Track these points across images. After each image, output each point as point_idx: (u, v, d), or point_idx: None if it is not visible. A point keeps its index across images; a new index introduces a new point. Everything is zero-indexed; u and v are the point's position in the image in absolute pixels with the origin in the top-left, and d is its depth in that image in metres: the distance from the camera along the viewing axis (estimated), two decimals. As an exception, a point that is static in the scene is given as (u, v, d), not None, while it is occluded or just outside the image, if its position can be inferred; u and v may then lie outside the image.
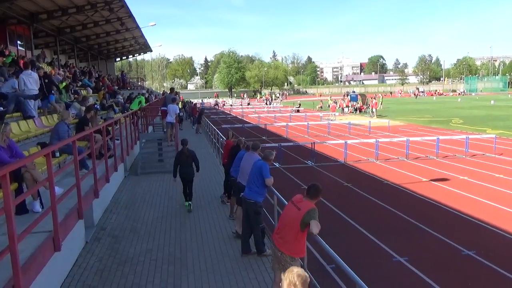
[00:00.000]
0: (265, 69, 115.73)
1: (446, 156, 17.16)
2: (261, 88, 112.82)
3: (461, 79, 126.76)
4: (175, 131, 15.31)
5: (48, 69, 18.84)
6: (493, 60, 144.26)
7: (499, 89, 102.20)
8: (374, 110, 38.25)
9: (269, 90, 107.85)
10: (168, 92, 21.67)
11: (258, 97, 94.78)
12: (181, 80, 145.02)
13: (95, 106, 13.57)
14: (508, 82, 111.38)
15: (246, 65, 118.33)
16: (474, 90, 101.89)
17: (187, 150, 9.50)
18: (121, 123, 12.49)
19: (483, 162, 15.80)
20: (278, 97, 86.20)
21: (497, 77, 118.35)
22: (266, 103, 65.44)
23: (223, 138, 14.24)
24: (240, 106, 57.41)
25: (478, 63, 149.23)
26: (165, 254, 6.84)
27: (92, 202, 7.78)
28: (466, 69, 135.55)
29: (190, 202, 9.38)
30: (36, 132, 9.39)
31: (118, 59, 46.85)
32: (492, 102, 55.38)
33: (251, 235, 6.83)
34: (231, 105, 64.05)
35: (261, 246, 6.65)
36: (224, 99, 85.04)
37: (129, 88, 32.95)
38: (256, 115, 39.91)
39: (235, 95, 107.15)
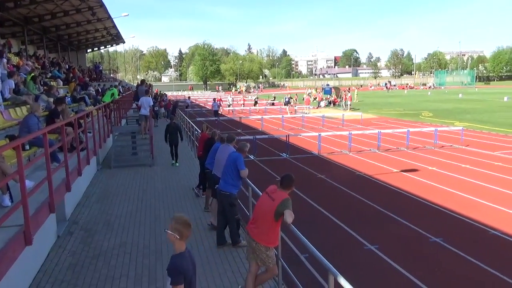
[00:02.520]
0: (240, 62, 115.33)
1: (416, 148, 17.67)
2: (236, 81, 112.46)
3: (431, 73, 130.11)
4: (149, 124, 15.14)
5: (15, 59, 18.22)
6: (462, 55, 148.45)
7: (467, 83, 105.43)
8: (349, 103, 38.89)
9: (244, 83, 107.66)
10: (139, 84, 21.33)
11: (233, 90, 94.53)
12: (155, 73, 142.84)
13: (66, 98, 13.24)
14: (476, 76, 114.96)
15: (221, 58, 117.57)
16: (444, 83, 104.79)
17: (174, 123, 13.69)
18: (93, 116, 12.26)
19: (451, 153, 16.36)
20: (251, 91, 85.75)
21: (465, 71, 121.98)
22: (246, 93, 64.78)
23: (197, 131, 14.20)
24: (242, 106, 43.23)
25: (447, 57, 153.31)
26: (140, 247, 6.81)
27: (64, 196, 7.64)
28: (436, 63, 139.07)
29: (176, 162, 13.42)
30: (3, 124, 9.10)
31: (89, 50, 45.63)
32: (460, 95, 57.19)
33: (226, 227, 6.89)
34: (230, 105, 41.91)
35: (236, 237, 6.72)
36: (220, 96, 58.74)
37: (101, 80, 32.22)
38: (231, 108, 39.83)
39: (209, 88, 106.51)
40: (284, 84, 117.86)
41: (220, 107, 35.81)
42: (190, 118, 21.47)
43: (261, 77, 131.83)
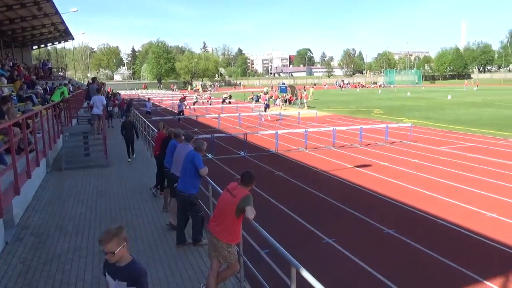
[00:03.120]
0: (196, 60, 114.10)
1: (369, 144, 18.33)
2: (191, 80, 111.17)
3: (381, 72, 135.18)
4: (102, 124, 14.65)
5: (-48, 56, 16.98)
6: (409, 55, 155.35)
7: (414, 82, 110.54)
8: (305, 101, 39.66)
9: (200, 82, 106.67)
10: (91, 82, 20.54)
11: (189, 89, 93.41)
12: (107, 71, 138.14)
13: (12, 97, 12.51)
14: (422, 76, 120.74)
15: (176, 56, 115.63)
16: (393, 82, 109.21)
17: (129, 121, 14.21)
18: (42, 116, 11.68)
19: (401, 149, 17.13)
20: (208, 90, 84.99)
21: (412, 70, 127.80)
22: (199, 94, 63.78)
23: (154, 130, 13.93)
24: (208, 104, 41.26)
25: (396, 57, 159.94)
26: (96, 250, 6.59)
27: (12, 200, 7.24)
28: (386, 63, 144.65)
29: (133, 156, 14.09)
30: None
31: (35, 47, 43.34)
32: (408, 93, 59.91)
33: (186, 226, 6.83)
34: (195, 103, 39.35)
35: (199, 235, 6.67)
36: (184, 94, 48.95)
37: (49, 79, 30.70)
38: (188, 107, 39.33)
39: (162, 86, 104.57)
40: (240, 83, 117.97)
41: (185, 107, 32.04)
42: (147, 118, 20.99)
43: (217, 75, 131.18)
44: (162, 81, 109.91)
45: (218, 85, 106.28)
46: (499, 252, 7.17)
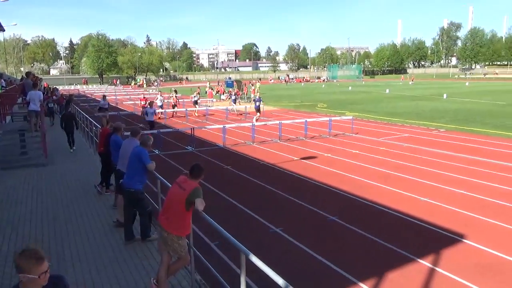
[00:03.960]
0: (139, 54, 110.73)
1: (313, 137, 18.96)
2: (135, 74, 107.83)
3: (324, 67, 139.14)
4: (40, 120, 13.94)
5: None
6: (351, 50, 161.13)
7: (356, 77, 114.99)
8: (252, 95, 39.96)
9: (144, 76, 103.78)
10: (25, 77, 19.34)
11: (133, 84, 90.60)
12: (42, 65, 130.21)
13: None
14: (363, 70, 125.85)
15: (118, 50, 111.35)
16: (336, 77, 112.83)
17: (69, 112, 14.90)
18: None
19: (343, 141, 17.90)
20: (154, 85, 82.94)
21: (353, 65, 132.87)
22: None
23: (96, 127, 13.48)
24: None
25: (338, 52, 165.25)
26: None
27: None
28: (329, 58, 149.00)
29: (73, 146, 14.39)
30: None
31: (-41, 38, 39.95)
32: (349, 88, 62.36)
33: (133, 222, 6.77)
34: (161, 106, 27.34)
35: (148, 230, 6.64)
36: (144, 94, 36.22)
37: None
38: (132, 102, 38.23)
39: (102, 81, 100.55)
40: (187, 77, 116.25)
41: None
42: (87, 113, 20.18)
43: (161, 70, 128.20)
44: (103, 75, 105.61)
45: (163, 80, 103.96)
46: (432, 233, 7.81)
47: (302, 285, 5.94)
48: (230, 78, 68.13)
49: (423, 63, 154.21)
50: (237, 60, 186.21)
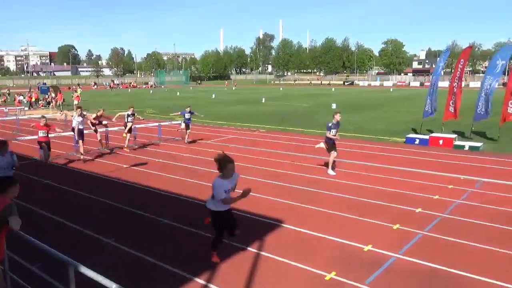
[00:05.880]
0: None
1: (143, 143, 18.70)
2: None
3: (151, 72, 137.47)
4: None
5: None
6: (177, 56, 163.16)
7: (183, 82, 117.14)
8: (76, 102, 36.77)
9: None
10: None
11: None
12: None
13: None
14: (190, 76, 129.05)
15: None
16: (164, 82, 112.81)
17: None
18: None
19: (173, 145, 18.19)
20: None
21: (181, 71, 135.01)
22: None
23: None
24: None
25: (165, 58, 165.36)
26: None
27: None
28: (155, 63, 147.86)
29: None
30: None
31: None
32: (178, 93, 63.27)
33: None
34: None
35: None
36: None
37: None
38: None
39: None
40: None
41: None
42: None
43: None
44: None
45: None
46: (254, 222, 8.70)
47: (138, 291, 5.94)
48: (45, 84, 61.04)
49: (244, 69, 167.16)
50: (52, 64, 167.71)
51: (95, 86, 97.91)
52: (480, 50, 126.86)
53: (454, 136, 17.91)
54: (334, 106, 36.87)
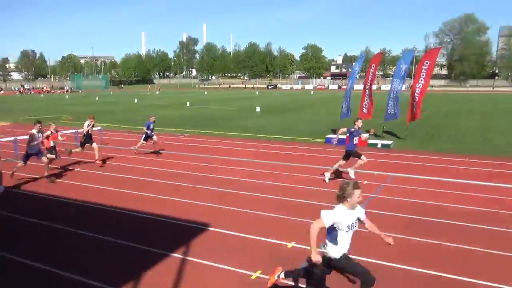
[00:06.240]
0: None
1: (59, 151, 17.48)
2: None
3: (67, 76, 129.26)
4: None
5: None
6: (95, 60, 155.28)
7: (103, 87, 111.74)
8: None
9: None
10: None
11: None
12: None
13: None
14: (110, 80, 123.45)
15: None
16: (81, 87, 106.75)
17: None
18: None
19: (93, 153, 17.23)
20: None
21: (100, 75, 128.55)
22: None
23: None
24: None
25: (82, 61, 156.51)
26: None
27: None
28: (72, 66, 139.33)
29: None
30: None
31: None
32: (97, 98, 60.20)
33: None
34: None
35: None
36: None
37: None
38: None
39: None
40: None
41: None
42: None
43: None
44: None
45: None
46: (179, 227, 8.57)
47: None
48: None
49: (167, 73, 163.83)
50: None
51: (2, 92, 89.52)
52: (390, 56, 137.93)
53: (367, 135, 19.17)
54: (258, 109, 37.66)
